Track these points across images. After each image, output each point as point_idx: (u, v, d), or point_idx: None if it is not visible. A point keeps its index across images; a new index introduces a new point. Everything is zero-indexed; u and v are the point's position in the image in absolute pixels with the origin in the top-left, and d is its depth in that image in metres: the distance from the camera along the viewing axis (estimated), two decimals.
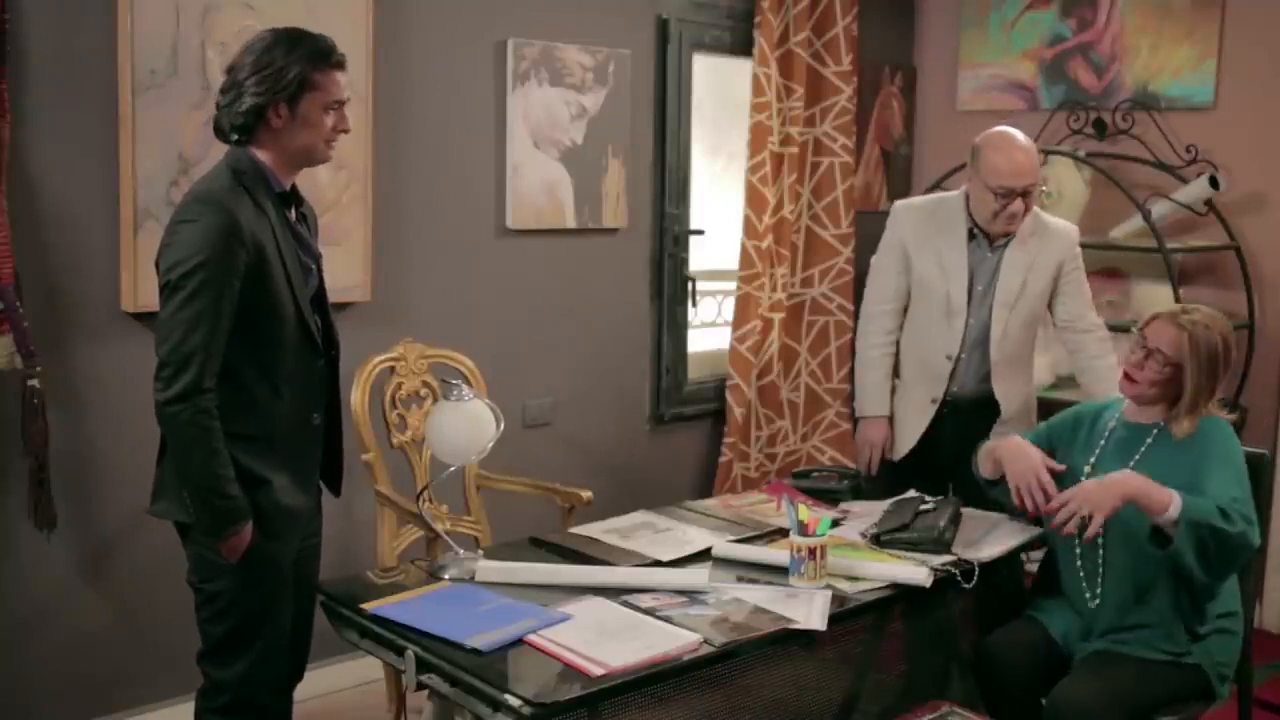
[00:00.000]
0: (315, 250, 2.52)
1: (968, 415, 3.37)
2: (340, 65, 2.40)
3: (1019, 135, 3.24)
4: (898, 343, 3.48)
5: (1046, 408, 3.54)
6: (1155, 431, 2.73)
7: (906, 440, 3.45)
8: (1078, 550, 2.77)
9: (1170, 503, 2.47)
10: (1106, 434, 2.82)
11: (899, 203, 3.53)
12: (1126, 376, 2.73)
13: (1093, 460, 2.80)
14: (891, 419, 3.49)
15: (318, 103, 2.36)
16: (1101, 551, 2.73)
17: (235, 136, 2.36)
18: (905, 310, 3.47)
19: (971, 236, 3.32)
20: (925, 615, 2.92)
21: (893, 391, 3.51)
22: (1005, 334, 3.33)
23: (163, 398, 2.24)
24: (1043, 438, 2.94)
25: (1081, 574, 2.77)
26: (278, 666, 2.47)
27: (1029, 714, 2.69)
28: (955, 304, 3.33)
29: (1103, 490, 2.52)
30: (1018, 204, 3.19)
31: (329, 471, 2.60)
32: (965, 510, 3.02)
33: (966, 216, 3.32)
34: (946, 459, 3.36)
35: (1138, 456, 2.72)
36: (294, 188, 2.46)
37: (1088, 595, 2.76)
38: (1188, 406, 2.66)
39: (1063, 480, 2.81)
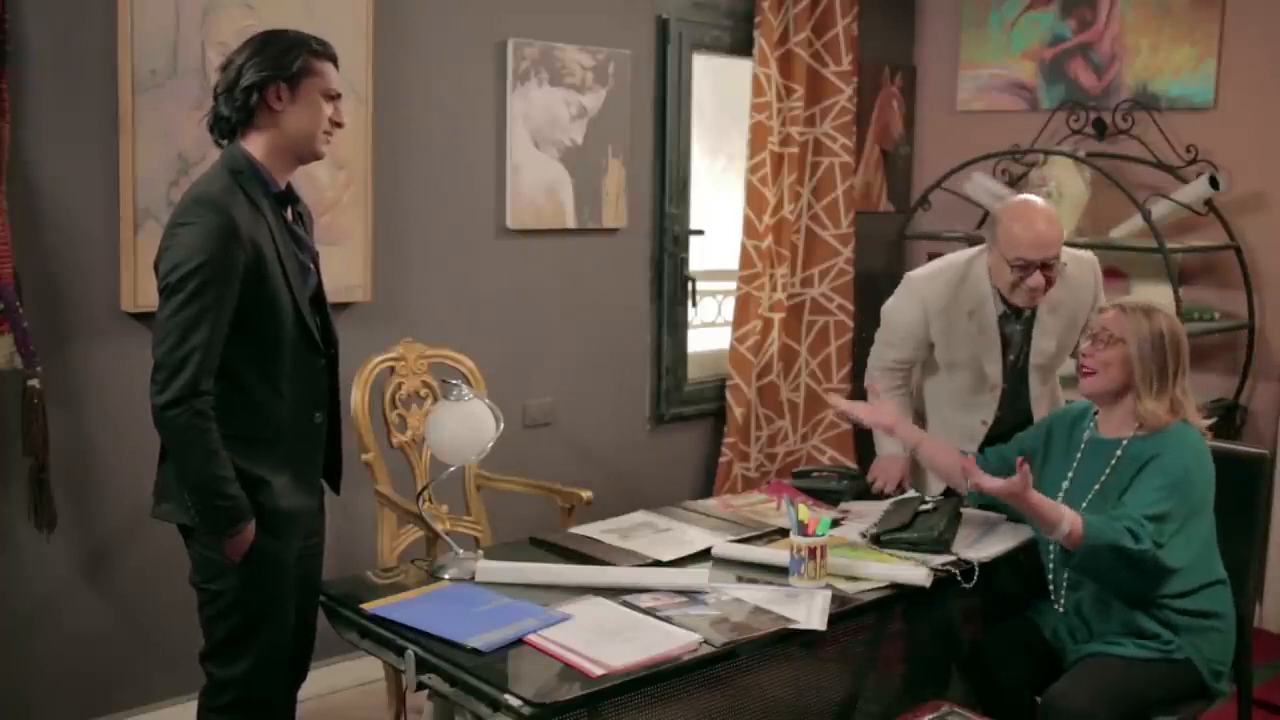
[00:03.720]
0: (313, 249, 2.52)
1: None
2: (334, 59, 2.44)
3: (1040, 203, 3.07)
4: (920, 390, 3.38)
5: None
6: (1124, 443, 2.72)
7: (937, 485, 3.32)
8: (1051, 555, 2.79)
9: (1059, 522, 2.51)
10: (1082, 446, 2.82)
11: (917, 281, 3.25)
12: (1083, 370, 2.73)
13: (1070, 475, 2.80)
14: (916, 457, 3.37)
15: (317, 88, 2.38)
16: (1060, 555, 2.74)
17: (235, 119, 2.36)
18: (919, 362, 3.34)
19: (1003, 316, 3.16)
20: (925, 615, 2.92)
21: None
22: (1042, 391, 3.25)
23: (159, 401, 2.23)
24: (1013, 450, 2.94)
25: (1050, 576, 2.80)
26: (280, 665, 2.47)
27: (1023, 712, 2.70)
28: (992, 380, 3.20)
29: (1004, 488, 2.55)
30: (1037, 278, 2.97)
31: (329, 470, 2.60)
32: (965, 510, 3.02)
33: (994, 292, 3.12)
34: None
35: (1108, 471, 2.72)
36: (290, 186, 2.47)
37: (1054, 599, 2.80)
38: (1144, 388, 2.65)
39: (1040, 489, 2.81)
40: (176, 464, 2.31)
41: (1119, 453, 2.72)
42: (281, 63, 2.34)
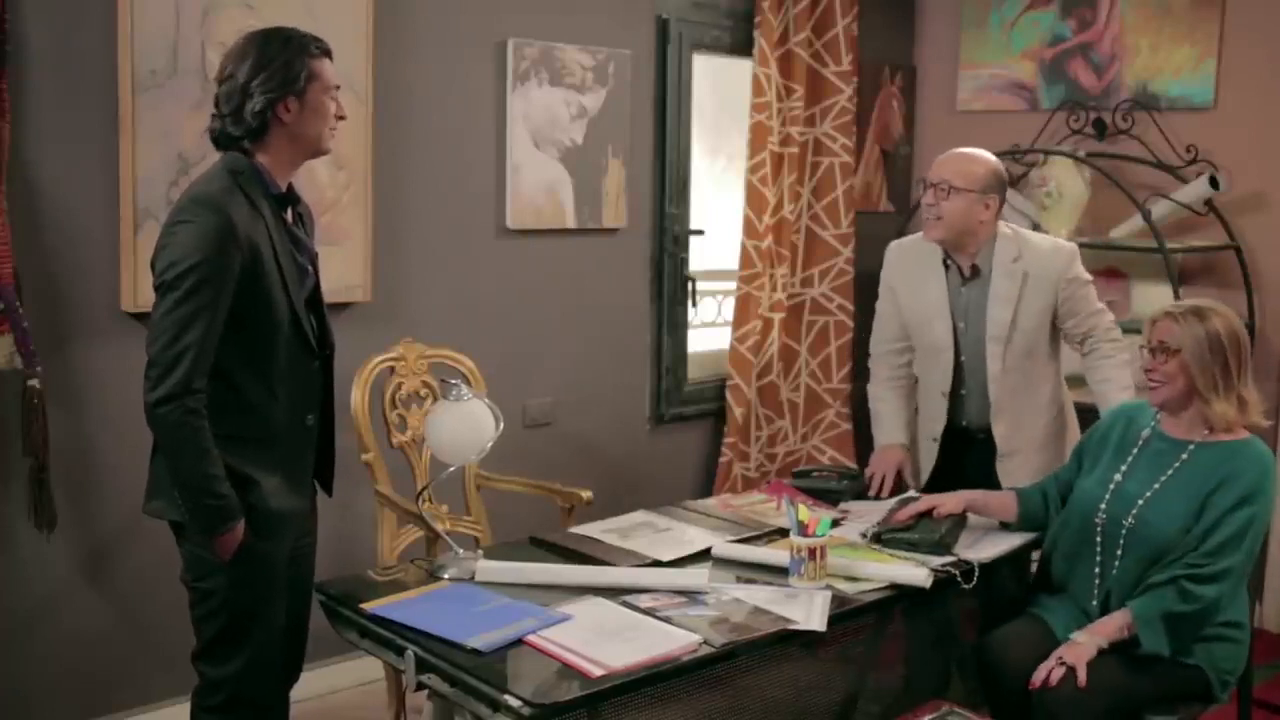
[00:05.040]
0: (312, 250, 2.52)
1: (980, 448, 3.28)
2: (329, 53, 2.43)
3: (973, 150, 3.22)
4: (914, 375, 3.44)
5: None
6: (1191, 448, 2.71)
7: (923, 472, 3.40)
8: (1098, 554, 2.76)
9: (1124, 624, 2.61)
10: (1140, 443, 2.80)
11: (891, 243, 3.51)
12: (1150, 385, 2.73)
13: (1124, 468, 2.79)
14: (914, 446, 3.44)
15: (321, 90, 2.39)
16: (1120, 554, 2.72)
17: (247, 143, 2.35)
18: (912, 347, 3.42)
19: (947, 269, 3.24)
20: (925, 616, 2.92)
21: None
22: (1005, 369, 3.20)
23: (152, 398, 2.23)
24: (1072, 468, 2.94)
25: (1097, 576, 2.77)
26: (272, 665, 2.47)
27: (1027, 711, 2.69)
28: (941, 341, 3.25)
29: (1082, 648, 2.60)
30: (929, 195, 3.14)
31: (321, 471, 2.60)
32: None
33: (942, 249, 3.24)
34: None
35: (1170, 472, 2.71)
36: (290, 187, 2.46)
37: (1095, 598, 2.76)
38: (1209, 392, 2.64)
39: (1092, 489, 2.79)
40: (168, 461, 2.30)
41: (1184, 456, 2.71)
42: (288, 77, 2.33)
